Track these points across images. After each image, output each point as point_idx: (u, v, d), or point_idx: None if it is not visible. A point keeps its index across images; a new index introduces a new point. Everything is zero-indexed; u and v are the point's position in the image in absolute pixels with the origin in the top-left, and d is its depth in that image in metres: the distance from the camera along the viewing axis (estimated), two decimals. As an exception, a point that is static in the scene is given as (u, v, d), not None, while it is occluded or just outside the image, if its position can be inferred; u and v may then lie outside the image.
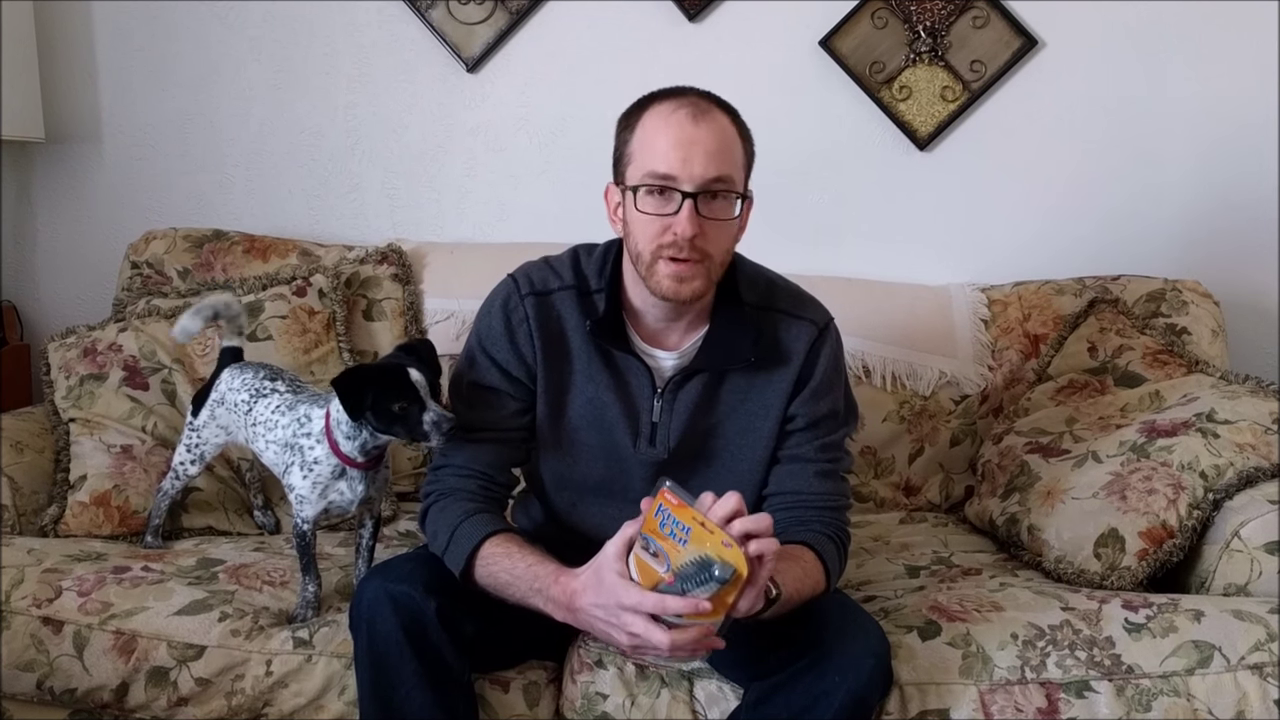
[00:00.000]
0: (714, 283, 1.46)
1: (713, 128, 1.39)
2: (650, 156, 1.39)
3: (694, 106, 1.39)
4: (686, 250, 1.38)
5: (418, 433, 1.47)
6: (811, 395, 1.51)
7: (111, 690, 1.56)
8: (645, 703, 1.49)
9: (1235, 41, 2.36)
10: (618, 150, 1.46)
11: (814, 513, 1.50)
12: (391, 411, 1.47)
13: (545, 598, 1.36)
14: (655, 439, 1.52)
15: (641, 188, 1.39)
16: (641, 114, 1.43)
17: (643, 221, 1.40)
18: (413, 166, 2.50)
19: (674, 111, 1.39)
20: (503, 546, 1.42)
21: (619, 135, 1.46)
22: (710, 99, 1.43)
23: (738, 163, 1.43)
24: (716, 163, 1.38)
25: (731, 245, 1.47)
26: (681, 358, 1.51)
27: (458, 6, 2.42)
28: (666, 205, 1.38)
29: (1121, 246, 2.41)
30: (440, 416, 1.46)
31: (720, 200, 1.40)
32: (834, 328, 1.56)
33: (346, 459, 1.57)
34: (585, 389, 1.52)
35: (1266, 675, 1.45)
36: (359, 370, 1.53)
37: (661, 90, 1.45)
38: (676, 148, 1.37)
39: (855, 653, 1.34)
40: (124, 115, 2.50)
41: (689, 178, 1.37)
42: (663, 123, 1.39)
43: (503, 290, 1.55)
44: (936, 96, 2.39)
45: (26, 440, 1.98)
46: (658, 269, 1.41)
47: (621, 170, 1.44)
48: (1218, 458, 1.73)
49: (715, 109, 1.41)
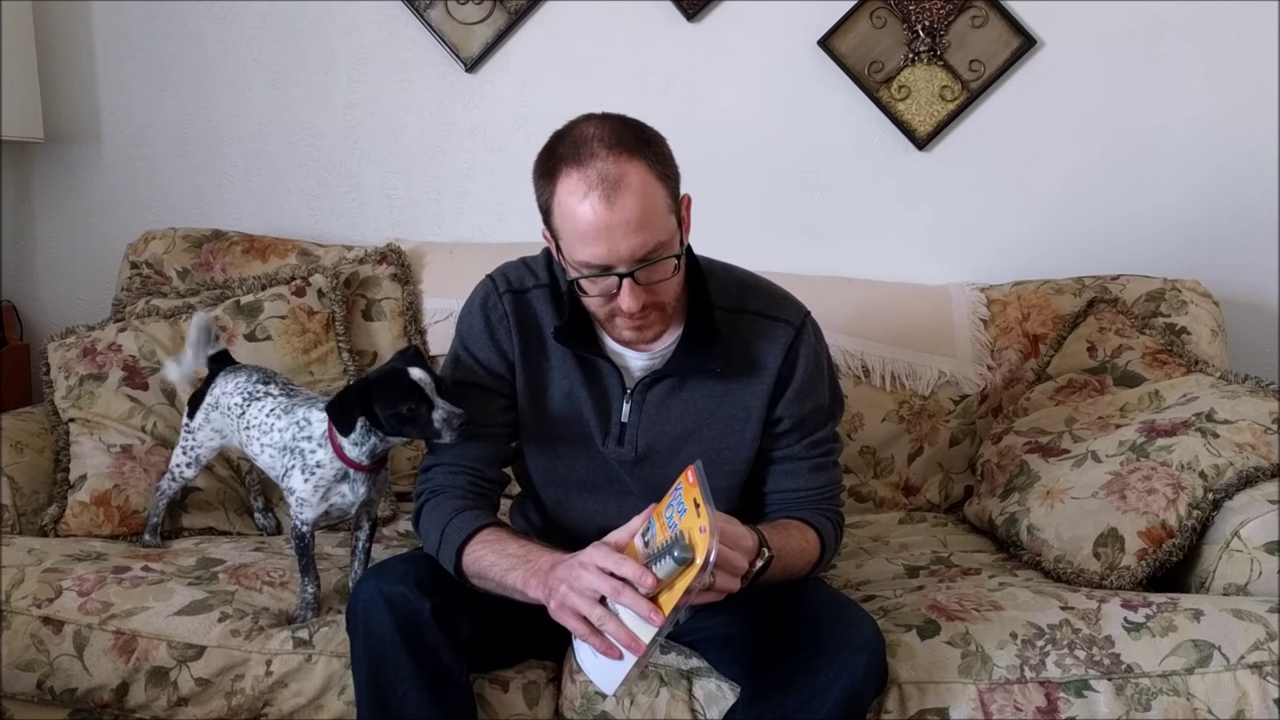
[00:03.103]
0: (673, 315, 1.47)
1: (628, 202, 1.31)
2: (576, 245, 1.36)
3: (604, 183, 1.31)
4: (639, 314, 1.40)
5: (429, 431, 1.47)
6: (796, 396, 1.51)
7: (111, 690, 1.56)
8: (644, 702, 1.49)
9: (1235, 41, 2.36)
10: (540, 206, 1.41)
11: (811, 504, 1.53)
12: (401, 414, 1.47)
13: (527, 569, 1.34)
14: (624, 439, 1.52)
15: (579, 277, 1.39)
16: (554, 183, 1.35)
17: (590, 298, 1.41)
18: (412, 166, 2.50)
19: (586, 195, 1.32)
20: (493, 535, 1.42)
21: (537, 189, 1.40)
22: (621, 149, 1.33)
23: (662, 217, 1.36)
24: (642, 237, 1.34)
25: (682, 280, 1.45)
26: (654, 359, 1.51)
27: (456, 6, 2.42)
28: (607, 284, 1.38)
29: (1121, 246, 2.41)
30: (450, 413, 1.47)
31: (658, 265, 1.37)
32: (810, 323, 1.55)
33: (351, 463, 1.57)
34: (561, 384, 1.53)
35: (1266, 674, 1.45)
36: (349, 387, 1.53)
37: (569, 142, 1.35)
38: (599, 238, 1.33)
39: (849, 649, 1.34)
40: (123, 115, 2.50)
41: (619, 260, 1.34)
42: (576, 209, 1.33)
43: (481, 290, 1.57)
44: (935, 96, 2.39)
45: (26, 440, 1.99)
46: (615, 324, 1.44)
47: (552, 231, 1.41)
48: (1217, 457, 1.73)
49: (628, 167, 1.32)
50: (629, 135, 1.36)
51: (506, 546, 1.40)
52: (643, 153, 1.35)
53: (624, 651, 1.23)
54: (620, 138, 1.34)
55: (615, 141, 1.34)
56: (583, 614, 1.24)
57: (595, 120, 1.38)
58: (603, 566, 1.23)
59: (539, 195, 1.40)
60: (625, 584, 1.22)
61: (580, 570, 1.25)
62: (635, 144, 1.35)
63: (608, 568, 1.23)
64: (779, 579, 1.40)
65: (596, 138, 1.34)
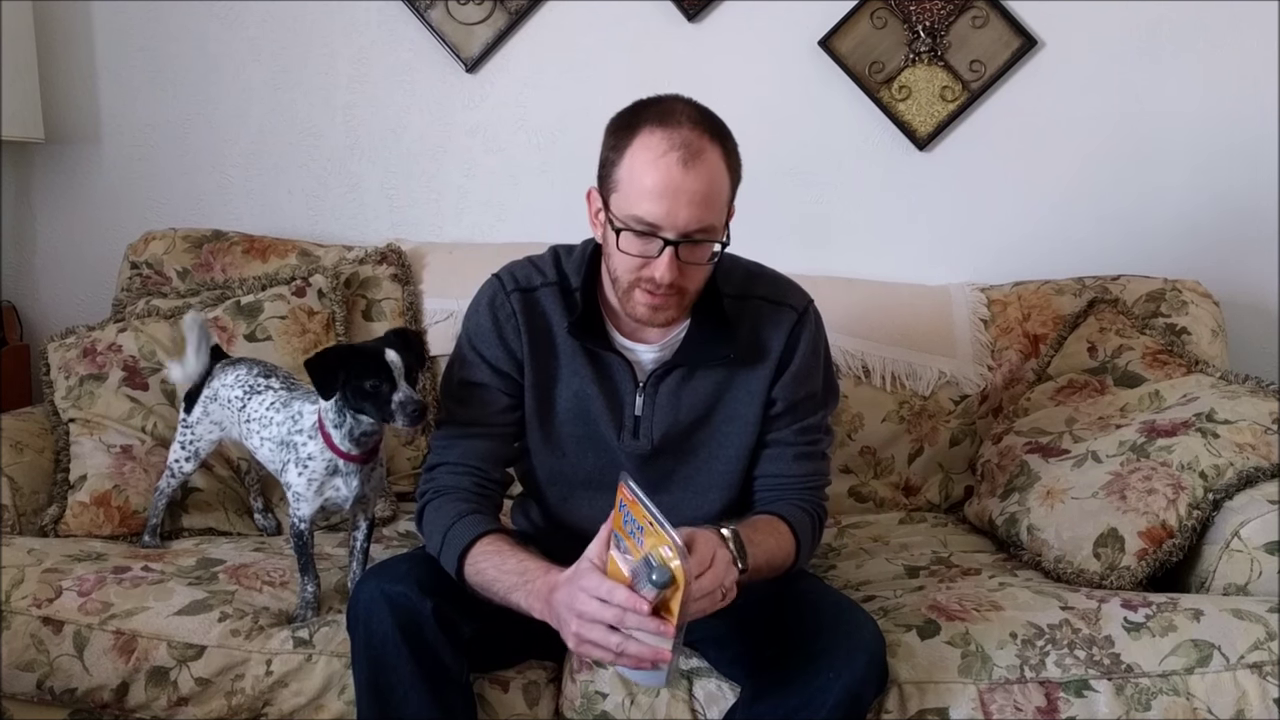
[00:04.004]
0: (688, 307, 1.48)
1: (701, 173, 1.36)
2: (636, 198, 1.37)
3: (686, 148, 1.35)
4: (664, 290, 1.40)
5: (386, 412, 1.48)
6: (792, 380, 1.53)
7: (111, 690, 1.56)
8: (645, 702, 1.49)
9: (1235, 41, 2.36)
10: (604, 161, 1.43)
11: (793, 492, 1.54)
12: (364, 389, 1.48)
13: (528, 591, 1.34)
14: (639, 432, 1.53)
15: (625, 229, 1.39)
16: (632, 137, 1.39)
17: (623, 256, 1.41)
18: (412, 167, 2.50)
19: (665, 154, 1.35)
20: (494, 545, 1.42)
21: (607, 144, 1.44)
22: (704, 128, 1.38)
23: (722, 205, 1.41)
24: (701, 213, 1.37)
25: (707, 276, 1.47)
26: (663, 350, 1.53)
27: (457, 7, 2.42)
28: (648, 247, 1.39)
29: (1121, 246, 2.41)
30: (407, 398, 1.47)
31: (701, 246, 1.40)
32: (813, 310, 1.58)
33: (340, 451, 1.57)
34: (571, 382, 1.53)
35: (1266, 674, 1.45)
36: (333, 348, 1.54)
37: (655, 108, 1.40)
38: (663, 197, 1.35)
39: (849, 649, 1.34)
40: (123, 116, 2.50)
41: (672, 227, 1.36)
42: (651, 163, 1.36)
43: (489, 289, 1.57)
44: (936, 96, 2.39)
45: (26, 440, 1.98)
46: (634, 296, 1.44)
47: (606, 187, 1.43)
48: (1217, 458, 1.73)
49: (708, 145, 1.37)
50: (715, 121, 1.41)
51: (505, 561, 1.39)
52: (723, 141, 1.41)
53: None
54: (708, 119, 1.40)
55: (702, 120, 1.39)
56: (603, 646, 1.23)
57: (684, 99, 1.42)
58: (598, 596, 1.22)
59: (607, 149, 1.43)
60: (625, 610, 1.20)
61: (581, 601, 1.23)
62: (718, 131, 1.40)
63: (601, 596, 1.21)
64: (757, 581, 1.40)
65: (685, 112, 1.39)
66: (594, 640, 1.23)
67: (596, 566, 1.25)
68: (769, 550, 1.42)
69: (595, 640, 1.23)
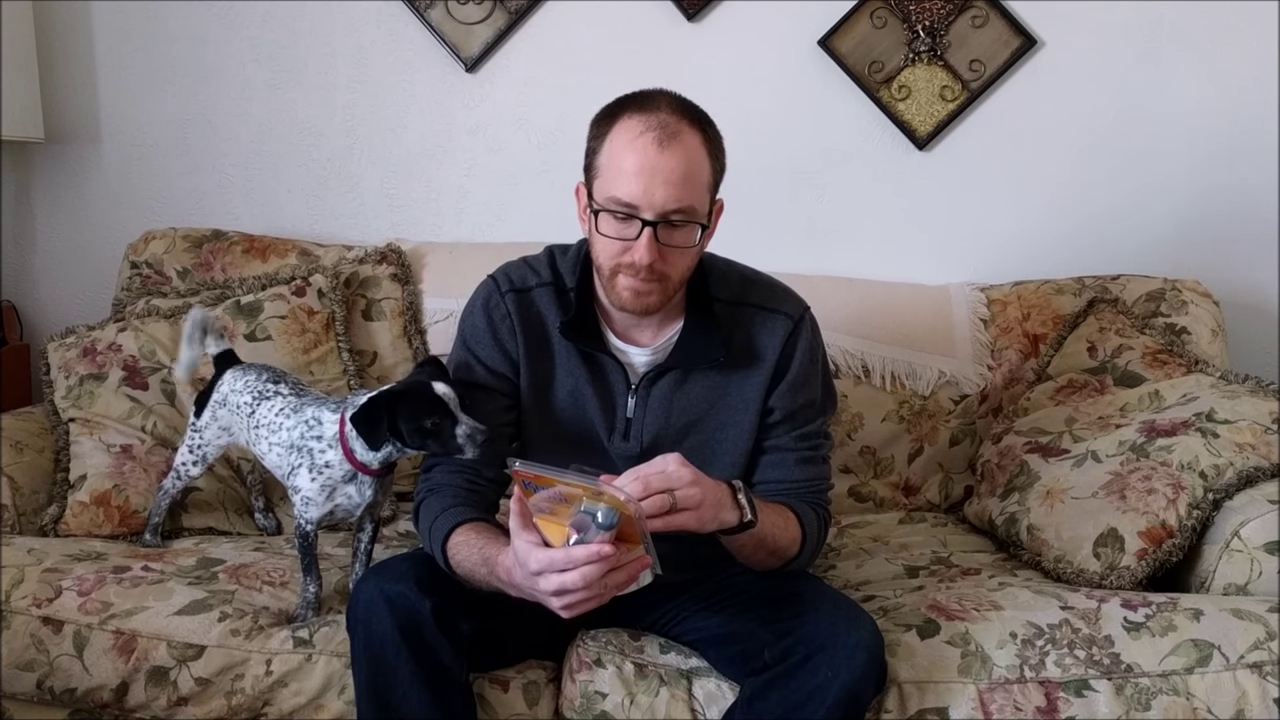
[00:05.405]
0: (673, 295, 1.48)
1: (678, 153, 1.37)
2: (614, 180, 1.39)
3: (662, 129, 1.37)
4: (644, 274, 1.41)
5: (451, 446, 1.46)
6: (789, 389, 1.53)
7: (111, 690, 1.56)
8: (644, 701, 1.49)
9: (1235, 41, 2.36)
10: (587, 151, 1.45)
11: (798, 496, 1.54)
12: (425, 428, 1.47)
13: (498, 580, 1.35)
14: (629, 434, 1.53)
15: (603, 210, 1.40)
16: (612, 125, 1.41)
17: (604, 240, 1.42)
18: (411, 166, 2.50)
19: (641, 134, 1.37)
20: (464, 535, 1.41)
21: (590, 137, 1.45)
22: (683, 113, 1.40)
23: (702, 188, 1.41)
24: (678, 193, 1.37)
25: (692, 264, 1.47)
26: (655, 354, 1.53)
27: (456, 6, 2.42)
28: (627, 230, 1.40)
29: (1121, 246, 2.41)
30: (473, 429, 1.46)
31: (681, 229, 1.41)
32: (809, 317, 1.57)
33: (361, 466, 1.57)
34: (566, 382, 1.54)
35: (1266, 674, 1.45)
36: (377, 398, 1.51)
37: (635, 98, 1.43)
38: (639, 176, 1.37)
39: (848, 647, 1.34)
40: (123, 115, 2.50)
41: (649, 206, 1.37)
42: (628, 145, 1.38)
43: (484, 290, 1.58)
44: (935, 96, 2.39)
45: (26, 440, 1.98)
46: (617, 282, 1.44)
47: (590, 178, 1.45)
48: (1217, 457, 1.73)
49: (686, 128, 1.39)
50: (696, 110, 1.43)
51: (473, 553, 1.39)
52: (703, 127, 1.42)
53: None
54: (688, 107, 1.43)
55: (681, 108, 1.42)
56: (591, 598, 1.23)
57: (668, 92, 1.44)
58: (557, 568, 1.22)
59: (591, 140, 1.45)
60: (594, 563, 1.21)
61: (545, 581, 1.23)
62: (697, 118, 1.42)
63: (560, 566, 1.21)
64: (762, 554, 1.42)
65: (665, 100, 1.42)
66: (580, 602, 1.24)
67: (533, 543, 1.24)
68: (774, 524, 1.43)
69: (581, 601, 1.24)
